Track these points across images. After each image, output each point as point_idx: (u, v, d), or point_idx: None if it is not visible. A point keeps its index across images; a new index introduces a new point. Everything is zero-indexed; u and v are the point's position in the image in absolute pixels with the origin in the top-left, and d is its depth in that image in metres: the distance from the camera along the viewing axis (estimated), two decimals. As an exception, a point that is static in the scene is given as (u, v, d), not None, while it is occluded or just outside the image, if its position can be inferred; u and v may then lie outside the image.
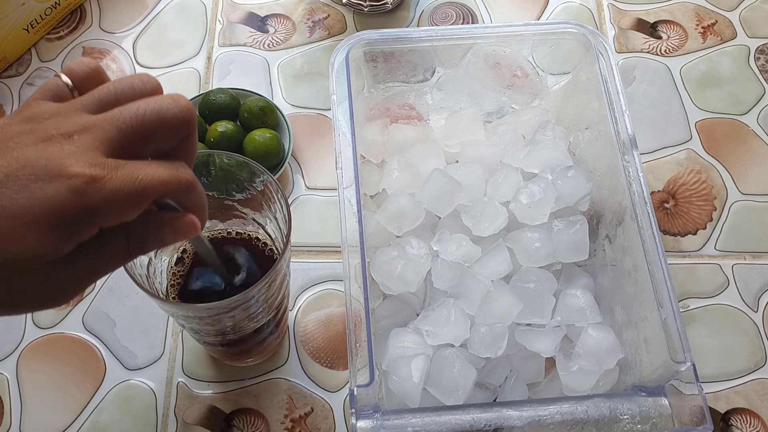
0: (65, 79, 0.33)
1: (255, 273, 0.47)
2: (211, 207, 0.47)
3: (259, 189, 0.45)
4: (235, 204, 0.47)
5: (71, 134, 0.30)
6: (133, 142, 0.30)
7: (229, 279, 0.45)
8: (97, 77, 0.33)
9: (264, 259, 0.48)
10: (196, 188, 0.32)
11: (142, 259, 0.43)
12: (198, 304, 0.45)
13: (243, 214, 0.48)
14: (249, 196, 0.46)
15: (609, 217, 0.55)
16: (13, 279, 0.29)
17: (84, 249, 0.30)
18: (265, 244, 0.49)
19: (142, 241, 0.32)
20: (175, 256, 0.48)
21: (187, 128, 0.32)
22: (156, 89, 0.33)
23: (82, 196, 0.28)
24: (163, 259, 0.47)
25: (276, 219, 0.46)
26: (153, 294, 0.40)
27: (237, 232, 0.49)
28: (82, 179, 0.28)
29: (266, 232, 0.48)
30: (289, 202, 0.63)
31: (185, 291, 0.47)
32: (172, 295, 0.47)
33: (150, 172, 0.30)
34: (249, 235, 0.49)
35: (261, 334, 0.50)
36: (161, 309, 0.47)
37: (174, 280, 0.47)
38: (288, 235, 0.42)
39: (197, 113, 0.63)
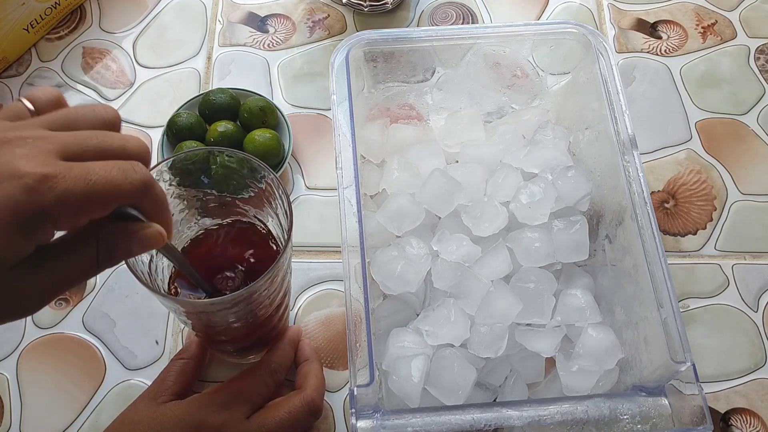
0: (27, 103, 0.33)
1: (257, 269, 0.47)
2: (212, 205, 0.47)
3: (261, 186, 0.45)
4: (236, 201, 0.47)
5: (26, 138, 0.29)
6: (87, 159, 0.30)
7: (208, 289, 0.45)
8: (58, 106, 0.34)
9: (266, 256, 0.48)
10: (153, 189, 0.32)
11: (144, 257, 0.43)
12: (200, 300, 0.45)
13: (244, 211, 0.48)
14: (251, 193, 0.46)
15: (609, 217, 0.55)
16: None
17: (53, 256, 0.30)
18: (267, 240, 0.49)
19: (111, 252, 0.32)
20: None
21: (144, 164, 0.33)
22: (116, 119, 0.34)
23: (34, 194, 0.28)
24: (164, 257, 0.47)
25: (277, 215, 0.46)
26: (155, 291, 0.40)
27: (239, 227, 0.49)
28: (33, 177, 0.28)
29: (268, 228, 0.48)
30: (289, 202, 0.63)
31: (187, 287, 0.47)
32: (174, 292, 0.47)
33: (103, 173, 0.29)
34: (251, 231, 0.49)
35: (263, 331, 0.50)
36: (163, 306, 0.47)
37: (176, 277, 0.47)
38: (290, 231, 0.42)
39: (197, 113, 0.64)
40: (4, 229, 0.28)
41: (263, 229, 0.49)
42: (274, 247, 0.48)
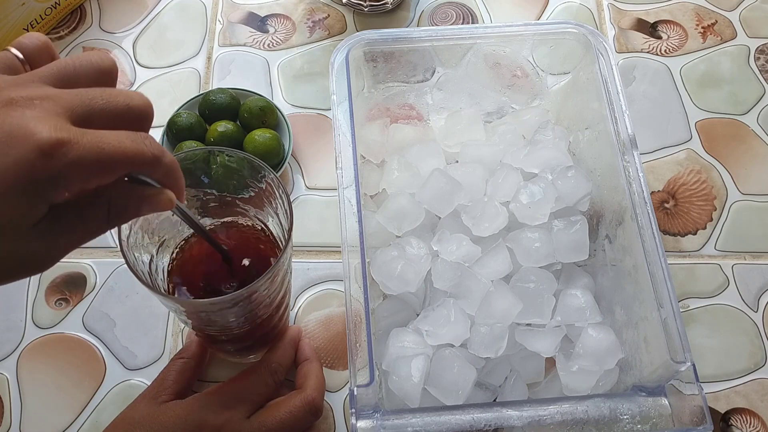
0: (16, 52, 0.33)
1: (257, 268, 0.47)
2: (212, 204, 0.47)
3: (261, 186, 0.45)
4: (236, 201, 0.47)
5: (32, 99, 0.30)
6: (95, 121, 0.31)
7: (225, 251, 0.45)
8: (47, 52, 0.34)
9: (266, 256, 0.48)
10: (162, 161, 0.32)
11: (144, 257, 0.43)
12: (200, 300, 0.45)
13: (244, 211, 0.48)
14: (251, 193, 0.46)
15: (609, 217, 0.55)
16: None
17: (65, 215, 0.31)
18: (267, 240, 0.49)
19: (121, 212, 0.33)
20: (177, 253, 0.48)
21: (145, 124, 0.33)
22: (112, 66, 0.34)
23: (48, 159, 0.28)
24: (165, 257, 0.47)
25: (277, 215, 0.46)
26: (156, 290, 0.40)
27: (239, 227, 0.49)
28: (48, 143, 0.28)
29: (268, 228, 0.48)
30: (289, 202, 0.63)
31: (188, 287, 0.47)
32: (175, 292, 0.47)
33: (115, 143, 0.30)
34: (251, 231, 0.49)
35: (263, 331, 0.50)
36: (164, 306, 0.47)
37: (176, 277, 0.47)
38: (290, 230, 0.42)
39: (197, 113, 0.64)
40: (21, 191, 0.28)
41: (263, 228, 0.49)
42: (274, 247, 0.48)
